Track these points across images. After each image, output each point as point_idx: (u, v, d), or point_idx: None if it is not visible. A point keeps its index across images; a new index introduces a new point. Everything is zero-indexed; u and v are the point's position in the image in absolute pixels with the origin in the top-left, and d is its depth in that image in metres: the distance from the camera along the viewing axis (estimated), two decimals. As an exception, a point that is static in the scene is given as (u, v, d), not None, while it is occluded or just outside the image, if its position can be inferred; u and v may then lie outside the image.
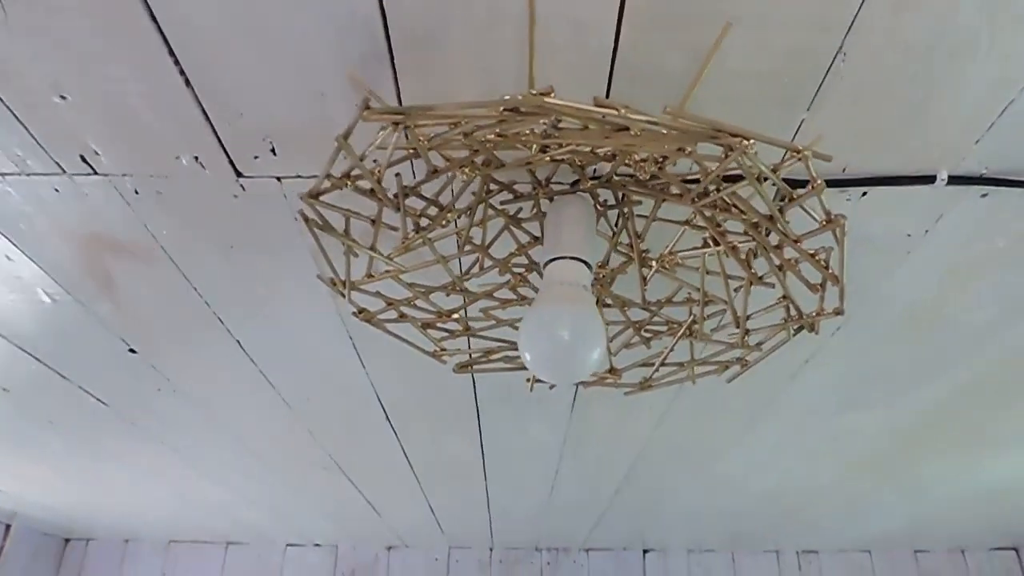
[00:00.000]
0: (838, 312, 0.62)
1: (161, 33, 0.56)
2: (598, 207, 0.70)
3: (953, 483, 1.72)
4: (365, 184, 0.59)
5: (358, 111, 0.51)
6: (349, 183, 0.57)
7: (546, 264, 0.64)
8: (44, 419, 1.34)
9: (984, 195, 0.74)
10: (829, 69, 0.59)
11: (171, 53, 0.58)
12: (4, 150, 0.68)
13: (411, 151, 0.57)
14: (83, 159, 0.70)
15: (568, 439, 1.42)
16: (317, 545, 2.48)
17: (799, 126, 0.65)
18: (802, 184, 0.70)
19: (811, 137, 0.65)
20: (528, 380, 0.79)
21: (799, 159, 0.49)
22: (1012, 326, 0.99)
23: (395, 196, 0.61)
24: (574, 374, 0.61)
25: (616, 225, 0.73)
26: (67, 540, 2.48)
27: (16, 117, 0.64)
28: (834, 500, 1.86)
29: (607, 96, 0.61)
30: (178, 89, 0.61)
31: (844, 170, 0.70)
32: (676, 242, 0.68)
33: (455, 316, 0.76)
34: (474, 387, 1.19)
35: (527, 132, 0.53)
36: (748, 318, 0.68)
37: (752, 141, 0.47)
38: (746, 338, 0.70)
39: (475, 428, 1.36)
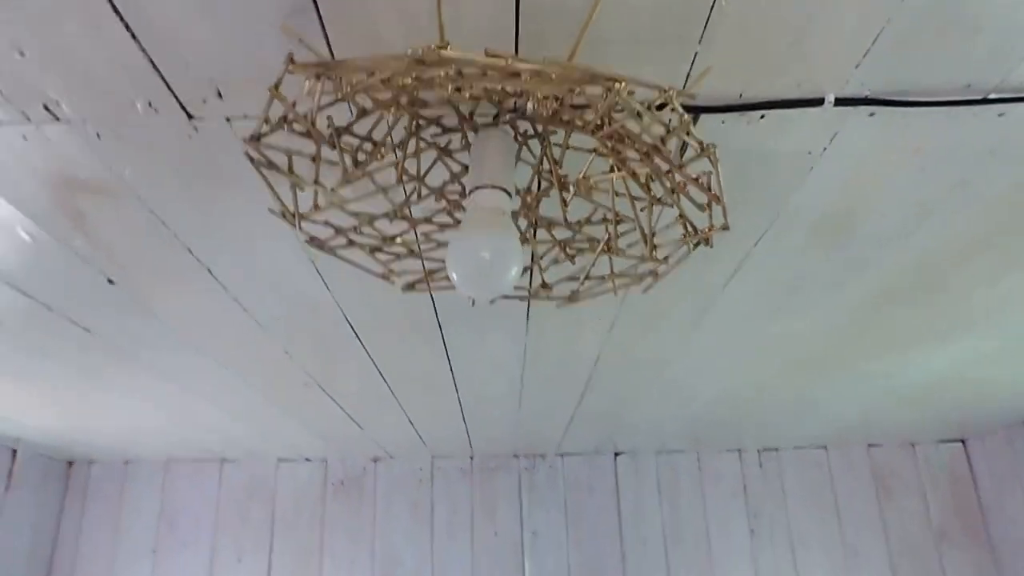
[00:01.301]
0: (724, 227, 0.71)
1: (105, -7, 0.62)
2: (518, 138, 0.77)
3: (893, 379, 1.85)
4: (300, 127, 0.66)
5: (284, 64, 0.58)
6: (286, 126, 0.64)
7: (470, 192, 0.72)
8: (36, 349, 1.43)
9: (872, 114, 0.82)
10: (712, 7, 0.66)
11: (115, 10, 0.64)
12: (-29, 102, 0.74)
13: (339, 96, 0.63)
14: (46, 108, 0.76)
15: (528, 350, 1.53)
16: (307, 460, 2.63)
17: (694, 58, 0.72)
18: (711, 109, 0.79)
19: (705, 67, 0.72)
20: (469, 296, 0.88)
21: (666, 98, 0.56)
22: (917, 232, 1.08)
23: (330, 136, 0.68)
24: (495, 289, 0.70)
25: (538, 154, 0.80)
26: (71, 463, 2.62)
27: (-20, 71, 0.70)
28: (783, 400, 2.01)
29: (516, 35, 0.68)
30: (126, 42, 0.67)
31: (740, 95, 0.78)
32: (587, 168, 0.76)
33: (398, 240, 0.84)
34: (433, 303, 1.28)
35: (440, 75, 0.60)
36: (654, 235, 0.77)
37: (624, 84, 0.54)
38: (654, 253, 0.78)
39: (439, 342, 1.46)
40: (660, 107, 0.65)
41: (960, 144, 0.88)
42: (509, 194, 0.72)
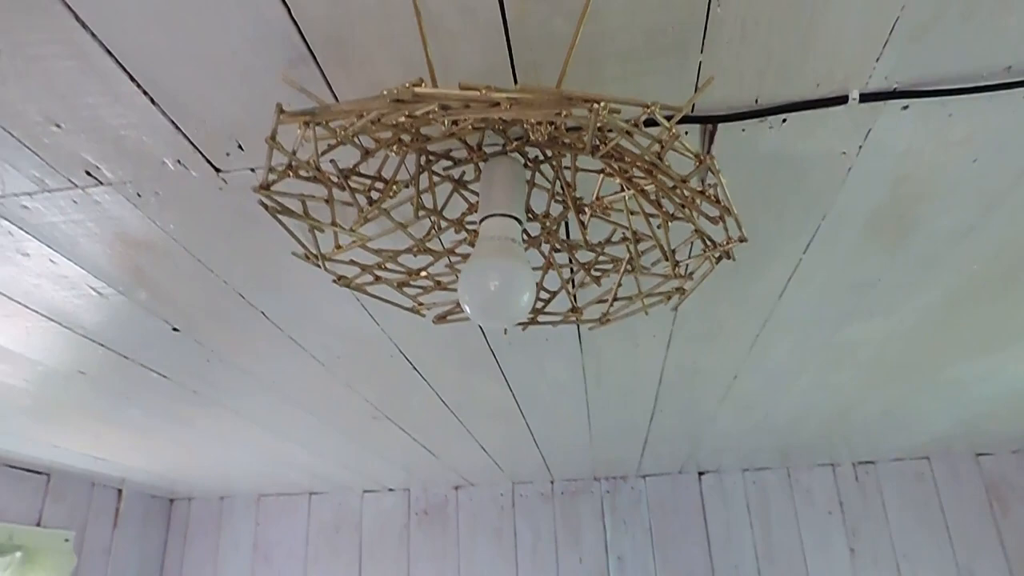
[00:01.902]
0: (742, 239, 0.68)
1: (121, 66, 0.66)
2: (528, 164, 0.77)
3: (992, 382, 1.72)
4: (306, 172, 0.68)
5: (275, 115, 0.60)
6: (291, 173, 0.66)
7: (480, 222, 0.72)
8: (120, 395, 1.52)
9: (905, 108, 0.77)
10: (708, 16, 0.64)
11: (132, 80, 0.68)
12: (24, 174, 0.81)
13: (338, 140, 0.65)
14: (88, 173, 0.81)
15: (587, 372, 1.51)
16: (391, 490, 2.68)
17: (699, 68, 0.70)
18: (728, 118, 0.76)
19: (711, 75, 0.70)
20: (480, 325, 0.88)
21: (649, 113, 0.55)
22: (987, 225, 1.00)
23: (338, 178, 0.70)
24: (508, 317, 0.70)
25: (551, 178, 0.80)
26: (172, 500, 2.76)
27: (26, 146, 0.76)
28: (873, 411, 1.89)
29: (512, 67, 0.68)
30: (147, 108, 0.71)
31: (756, 100, 0.75)
32: (599, 188, 0.75)
33: (423, 274, 0.85)
34: (483, 331, 1.28)
35: (431, 111, 0.61)
36: (674, 252, 0.74)
37: (604, 104, 0.53)
38: (677, 269, 0.76)
39: (496, 369, 1.46)
40: (651, 123, 0.63)
41: (1013, 130, 0.81)
42: (519, 221, 0.72)
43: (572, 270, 0.98)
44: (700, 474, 2.57)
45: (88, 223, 0.91)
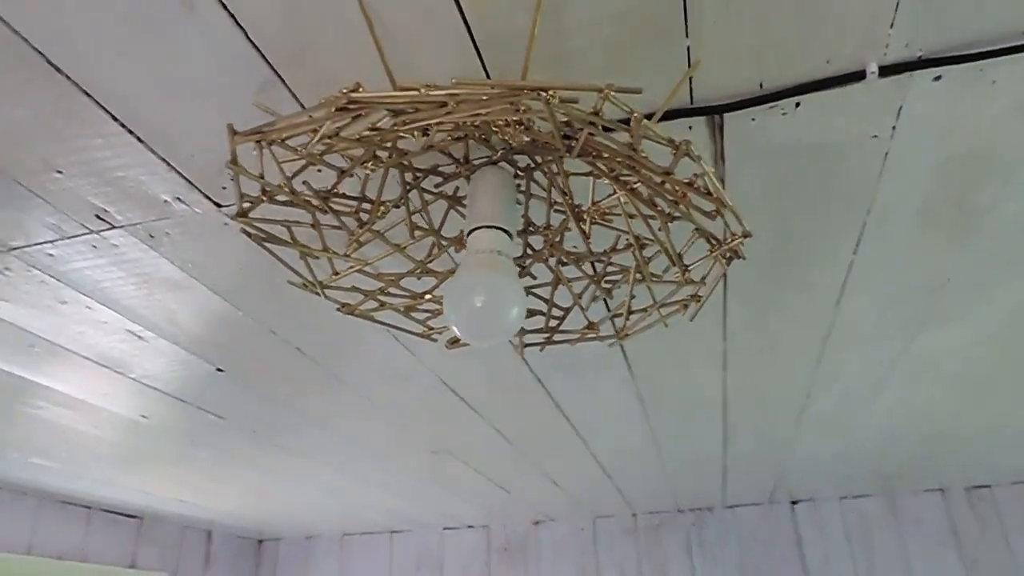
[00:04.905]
0: (746, 235, 0.61)
1: (99, 104, 0.67)
2: (520, 173, 0.73)
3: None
4: (283, 197, 0.67)
5: (229, 138, 0.59)
6: (265, 199, 0.65)
7: (467, 235, 0.68)
8: (184, 438, 1.56)
9: (937, 78, 0.68)
10: (684, -5, 0.59)
11: (114, 119, 0.69)
12: (41, 222, 0.83)
13: (307, 161, 0.63)
14: (99, 217, 0.83)
15: (643, 395, 1.43)
16: (470, 527, 2.63)
17: (688, 53, 0.64)
18: (731, 107, 0.70)
19: (703, 60, 0.64)
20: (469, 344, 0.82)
21: (604, 98, 0.50)
22: (1068, 209, 0.88)
23: (318, 201, 0.68)
24: (496, 334, 0.65)
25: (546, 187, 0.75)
26: (260, 541, 2.82)
27: (35, 194, 0.79)
28: (974, 428, 1.71)
29: (484, 70, 0.65)
30: (135, 146, 0.72)
31: (761, 85, 0.68)
32: (593, 193, 0.70)
33: (428, 296, 0.82)
34: (524, 359, 1.24)
35: (389, 118, 0.58)
36: (680, 255, 0.68)
37: (552, 91, 0.48)
38: (687, 274, 0.70)
39: (546, 396, 1.41)
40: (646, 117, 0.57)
41: (1076, 92, 0.71)
42: (509, 233, 0.68)
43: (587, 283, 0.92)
44: (793, 503, 2.40)
45: (110, 267, 0.93)
